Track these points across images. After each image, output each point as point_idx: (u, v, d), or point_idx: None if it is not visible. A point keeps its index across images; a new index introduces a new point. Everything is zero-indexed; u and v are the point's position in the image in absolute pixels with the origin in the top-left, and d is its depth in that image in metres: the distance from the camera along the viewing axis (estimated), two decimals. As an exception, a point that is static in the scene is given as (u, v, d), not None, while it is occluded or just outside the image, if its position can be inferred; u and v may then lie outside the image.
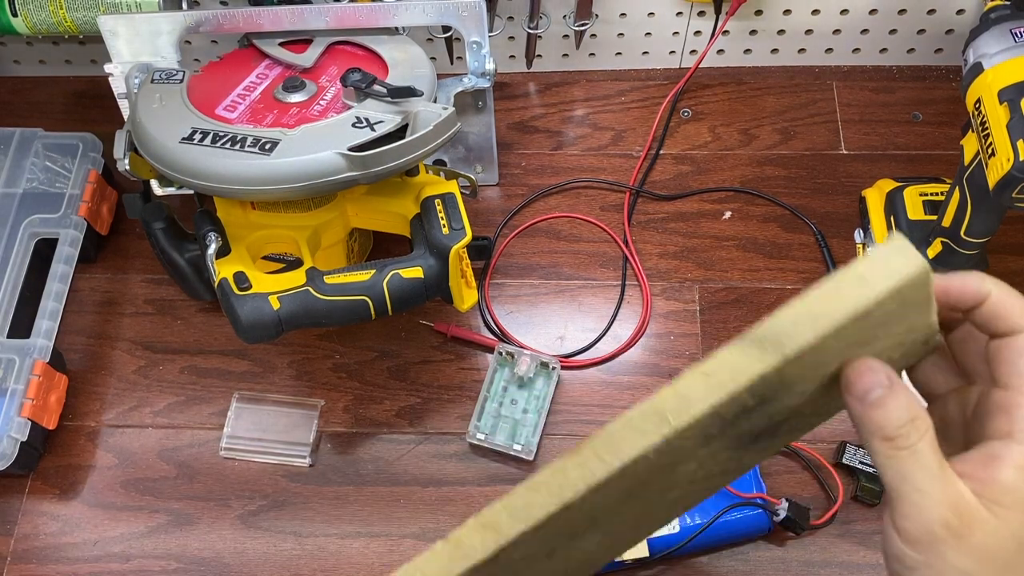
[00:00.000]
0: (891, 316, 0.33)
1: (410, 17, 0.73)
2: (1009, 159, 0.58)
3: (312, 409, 0.75)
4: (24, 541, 0.72)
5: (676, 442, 0.34)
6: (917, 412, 0.34)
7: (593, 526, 0.39)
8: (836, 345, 0.33)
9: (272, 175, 0.62)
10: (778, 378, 0.33)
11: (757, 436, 0.38)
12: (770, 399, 0.35)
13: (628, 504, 0.38)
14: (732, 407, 0.34)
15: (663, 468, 0.36)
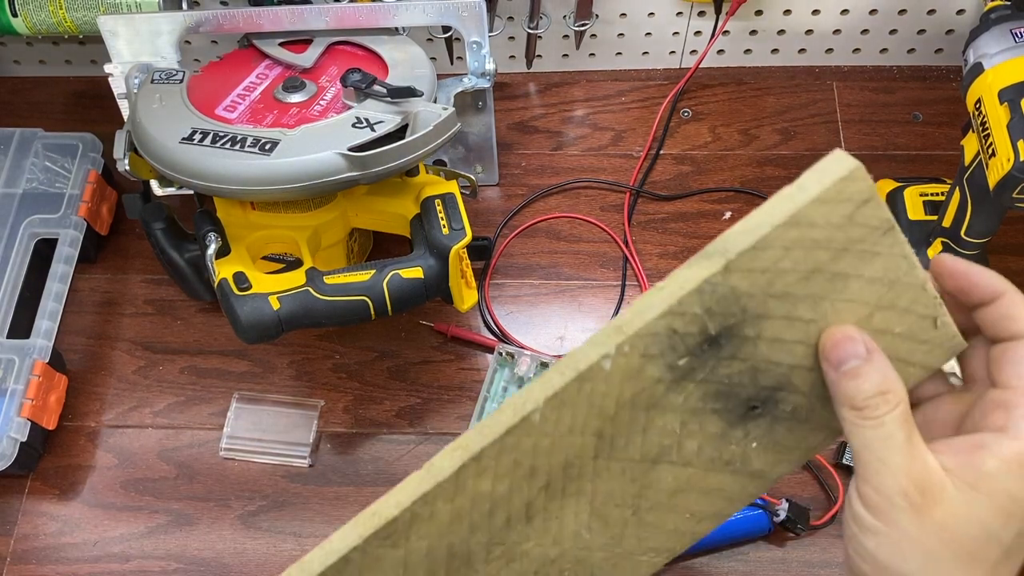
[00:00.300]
0: (841, 230, 0.34)
1: (410, 17, 0.73)
2: (1009, 159, 0.58)
3: (312, 409, 0.75)
4: (24, 541, 0.72)
5: (635, 360, 0.35)
6: (890, 386, 0.35)
7: (571, 483, 0.38)
8: (790, 267, 0.34)
9: (272, 175, 0.61)
10: (728, 290, 0.34)
11: (751, 406, 0.37)
12: (735, 329, 0.35)
13: (607, 463, 0.38)
14: (686, 323, 0.35)
15: (632, 405, 0.36)
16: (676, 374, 0.36)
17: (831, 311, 0.36)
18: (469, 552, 0.38)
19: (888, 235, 0.35)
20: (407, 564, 0.38)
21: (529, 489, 0.37)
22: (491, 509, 0.38)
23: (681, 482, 0.39)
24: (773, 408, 0.37)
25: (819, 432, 0.38)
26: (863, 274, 0.35)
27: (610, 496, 0.39)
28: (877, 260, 0.35)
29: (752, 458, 0.39)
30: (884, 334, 0.36)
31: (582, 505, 0.39)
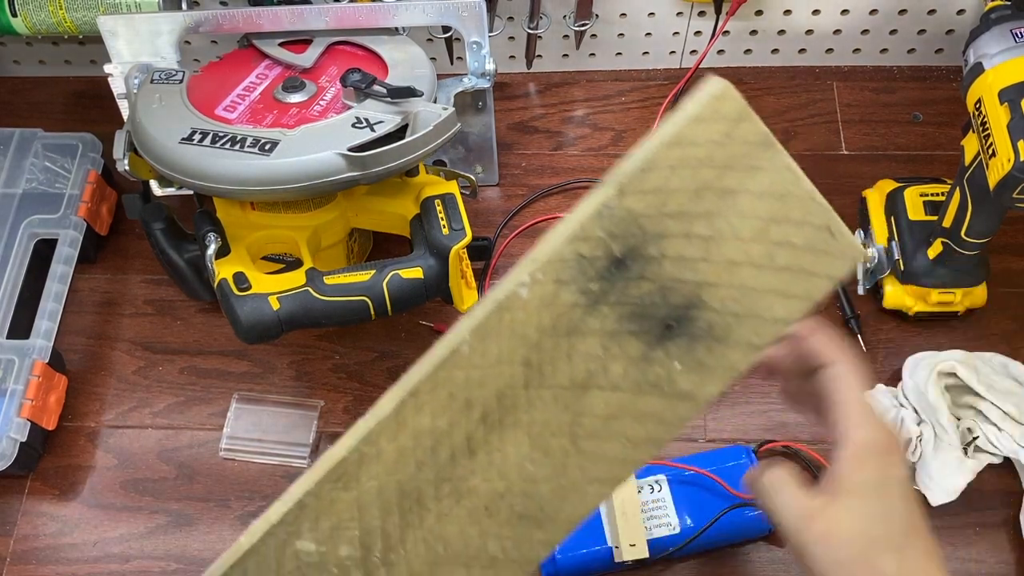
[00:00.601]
0: (721, 147, 0.37)
1: (410, 17, 0.72)
2: (1010, 159, 0.58)
3: (312, 410, 0.75)
4: (23, 542, 0.72)
5: (549, 286, 0.37)
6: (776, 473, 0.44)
7: (507, 415, 0.39)
8: (679, 185, 0.37)
9: (272, 175, 0.61)
10: (625, 212, 0.37)
11: (667, 325, 0.39)
12: (638, 250, 0.37)
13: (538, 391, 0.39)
14: (591, 246, 0.37)
15: (553, 331, 0.38)
16: (590, 298, 0.38)
17: (727, 227, 0.38)
18: (419, 490, 0.40)
19: (768, 149, 0.38)
20: (360, 505, 0.40)
21: (467, 422, 0.39)
22: (434, 445, 0.39)
23: (613, 407, 0.40)
24: (689, 326, 0.39)
25: (739, 349, 0.39)
26: (750, 188, 0.38)
27: (546, 425, 0.40)
28: (762, 174, 0.38)
29: (677, 379, 0.40)
30: (784, 247, 0.38)
31: (521, 436, 0.40)
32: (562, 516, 0.41)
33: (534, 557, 0.41)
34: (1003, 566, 0.67)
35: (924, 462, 0.69)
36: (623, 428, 0.40)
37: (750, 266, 0.39)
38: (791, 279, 0.39)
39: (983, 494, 0.70)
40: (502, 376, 0.39)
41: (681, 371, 0.39)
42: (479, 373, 0.39)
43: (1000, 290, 0.78)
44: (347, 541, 0.40)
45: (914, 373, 0.72)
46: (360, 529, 0.40)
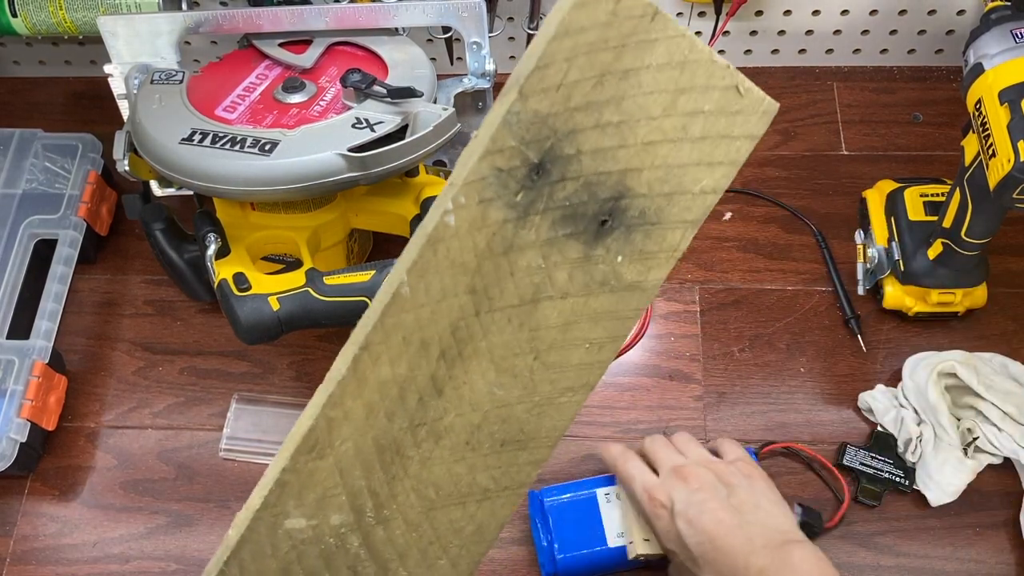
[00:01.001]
0: (611, 27, 0.35)
1: (410, 18, 0.72)
2: (1010, 160, 0.58)
3: (312, 410, 0.75)
4: (23, 542, 0.72)
5: (474, 208, 0.36)
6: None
7: (465, 346, 0.39)
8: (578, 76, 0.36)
9: (272, 176, 0.61)
10: (531, 115, 0.36)
11: (601, 221, 0.38)
12: (555, 151, 0.37)
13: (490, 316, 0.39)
14: (508, 158, 0.36)
15: (490, 252, 0.37)
16: (518, 211, 0.37)
17: (636, 108, 0.37)
18: (396, 441, 0.39)
19: (656, 20, 0.36)
20: (341, 469, 0.39)
21: (428, 362, 0.39)
22: (400, 393, 0.39)
23: (567, 314, 0.40)
24: (622, 217, 0.39)
25: (675, 229, 0.40)
26: (649, 63, 0.37)
27: (507, 348, 0.40)
28: (657, 46, 0.37)
29: (623, 272, 0.40)
30: (696, 115, 0.38)
31: (484, 364, 0.40)
32: (543, 433, 0.41)
33: (526, 480, 0.42)
34: (1003, 567, 0.67)
35: (924, 462, 0.69)
36: (582, 333, 0.40)
37: (667, 142, 0.38)
38: (711, 147, 0.39)
39: (983, 494, 0.70)
40: (451, 309, 0.38)
41: (624, 263, 0.39)
42: (427, 311, 0.38)
43: (1000, 290, 0.78)
44: (336, 508, 0.40)
45: (914, 373, 0.72)
46: (347, 493, 0.40)
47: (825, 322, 0.78)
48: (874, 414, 0.72)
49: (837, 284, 0.79)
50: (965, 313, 0.76)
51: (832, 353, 0.77)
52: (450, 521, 0.41)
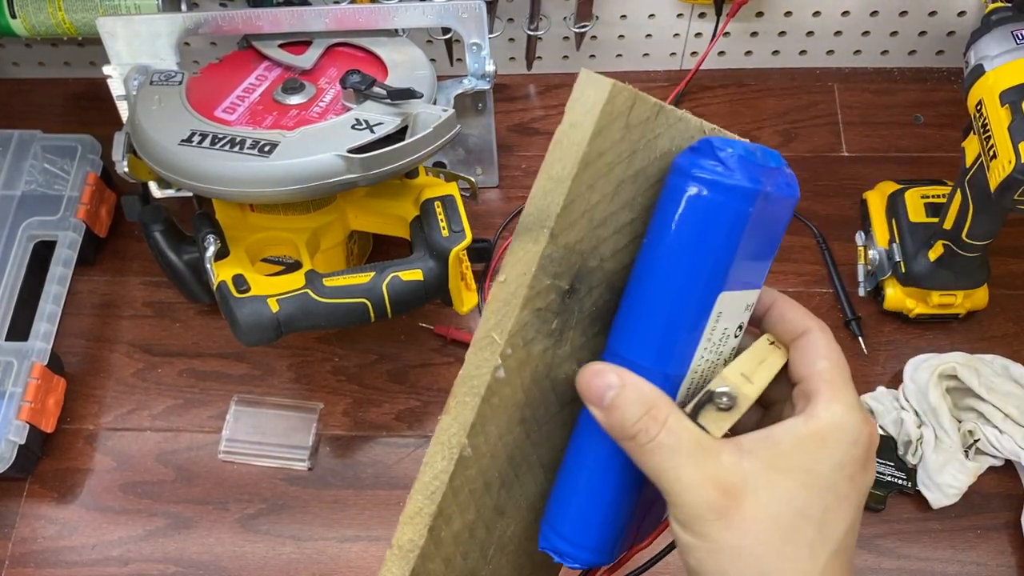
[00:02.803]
0: (624, 141, 0.35)
1: (410, 19, 0.72)
2: (1011, 161, 0.58)
3: (311, 412, 0.75)
4: (22, 544, 0.71)
5: (520, 352, 0.36)
6: (652, 401, 0.34)
7: (520, 468, 0.39)
8: (599, 197, 0.36)
9: (271, 177, 0.61)
10: (562, 251, 0.36)
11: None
12: (582, 271, 0.37)
13: (539, 433, 0.39)
14: (545, 297, 0.36)
15: (535, 381, 0.38)
16: (556, 335, 0.37)
17: (646, 200, 0.37)
18: (472, 570, 0.40)
19: (660, 115, 0.36)
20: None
21: (491, 497, 0.39)
22: (470, 534, 0.39)
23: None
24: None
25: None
26: (654, 156, 0.37)
27: (556, 449, 0.40)
28: (660, 139, 0.37)
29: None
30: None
31: (536, 472, 0.40)
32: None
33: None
34: (1004, 569, 0.67)
35: (925, 464, 0.69)
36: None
37: None
38: None
39: (984, 496, 0.69)
40: (507, 445, 0.38)
41: None
42: (487, 459, 0.38)
43: (1001, 292, 0.78)
44: None
45: (915, 375, 0.72)
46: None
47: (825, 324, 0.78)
48: (875, 416, 0.72)
49: (838, 286, 0.79)
50: (966, 315, 0.76)
51: (833, 355, 0.76)
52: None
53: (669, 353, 0.35)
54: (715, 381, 0.36)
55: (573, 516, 0.38)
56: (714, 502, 0.33)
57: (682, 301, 0.35)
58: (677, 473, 0.33)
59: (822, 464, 0.34)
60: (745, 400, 0.35)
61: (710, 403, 0.35)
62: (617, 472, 0.37)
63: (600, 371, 0.35)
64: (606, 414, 0.35)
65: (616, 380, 0.34)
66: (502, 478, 0.39)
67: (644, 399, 0.34)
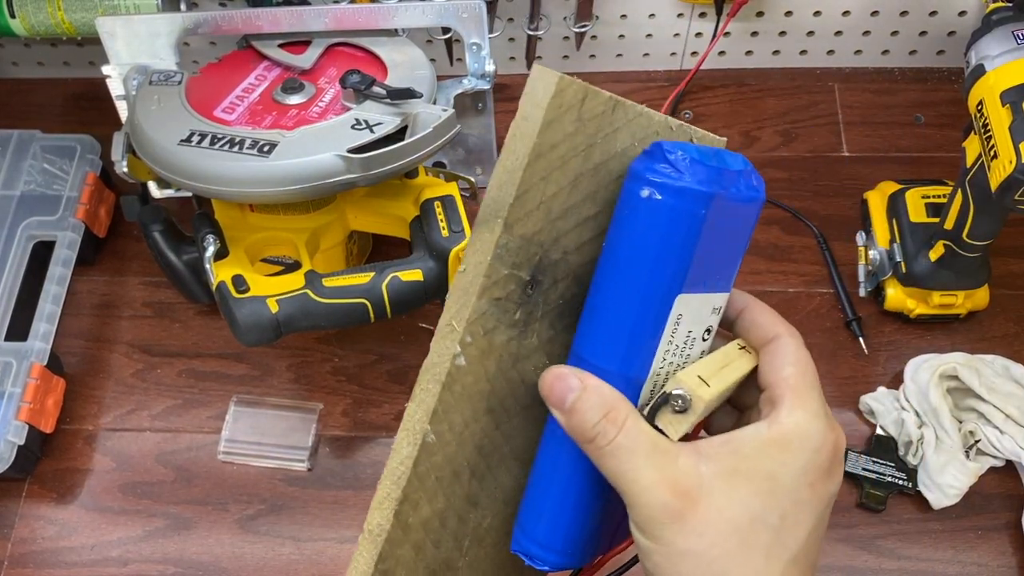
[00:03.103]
0: (578, 134, 0.36)
1: (409, 19, 0.72)
2: (1011, 161, 0.58)
3: (311, 413, 0.75)
4: (21, 545, 0.71)
5: (481, 341, 0.37)
6: (611, 404, 0.34)
7: (492, 458, 0.40)
8: (555, 189, 0.36)
9: (271, 177, 0.61)
10: (519, 241, 0.36)
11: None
12: (543, 263, 0.37)
13: (509, 424, 0.39)
14: (503, 287, 0.37)
15: (500, 372, 0.38)
16: (519, 327, 0.38)
17: (610, 195, 0.37)
18: (446, 560, 0.40)
19: (617, 110, 0.37)
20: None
21: (461, 487, 0.39)
22: (441, 523, 0.40)
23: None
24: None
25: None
26: (615, 151, 0.37)
27: (530, 442, 0.40)
28: (620, 134, 0.37)
29: None
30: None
31: (511, 465, 0.40)
32: None
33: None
34: (1005, 570, 0.67)
35: (926, 465, 0.69)
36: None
37: None
38: None
39: (985, 497, 0.69)
40: (474, 434, 0.39)
41: None
42: (453, 447, 0.38)
43: (1002, 292, 0.77)
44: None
45: (916, 376, 0.71)
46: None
47: (826, 324, 0.78)
48: (875, 416, 0.72)
49: (838, 286, 0.79)
50: (967, 315, 0.76)
51: (833, 355, 0.76)
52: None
53: (629, 356, 0.35)
54: (670, 383, 0.36)
55: (541, 518, 0.38)
56: (669, 504, 0.33)
57: (638, 304, 0.35)
58: (635, 475, 0.33)
59: (783, 470, 0.34)
60: (699, 402, 0.35)
61: (666, 405, 0.35)
62: (582, 475, 0.37)
63: (561, 374, 0.36)
64: (567, 417, 0.35)
65: (577, 383, 0.35)
66: (472, 468, 0.39)
67: (603, 402, 0.34)
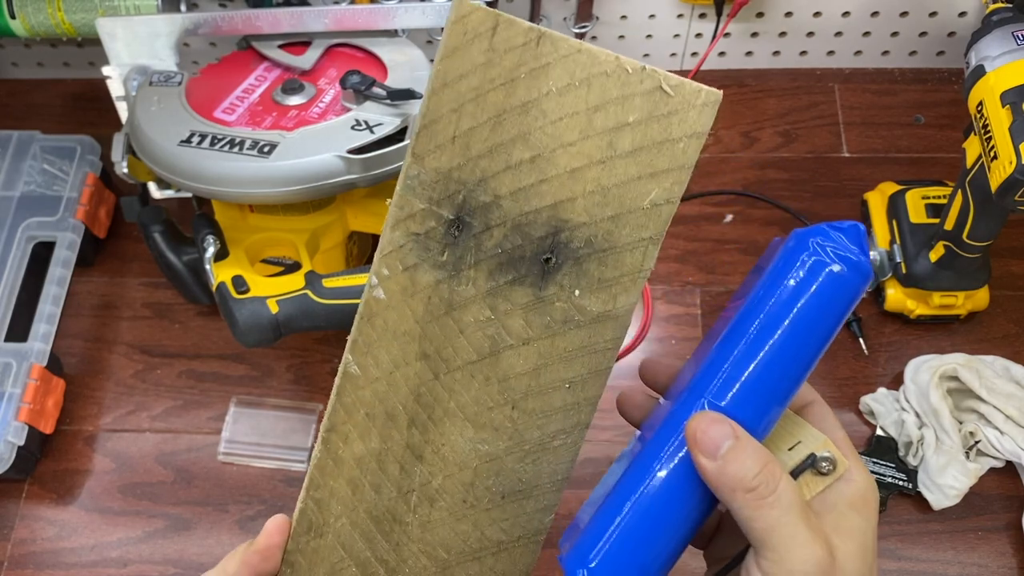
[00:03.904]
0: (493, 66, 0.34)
1: (409, 19, 0.72)
2: (1011, 162, 0.58)
3: (310, 413, 0.75)
4: (21, 546, 0.71)
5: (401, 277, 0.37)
6: (767, 456, 0.34)
7: (433, 410, 0.39)
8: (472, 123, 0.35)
9: (271, 178, 0.61)
10: (433, 174, 0.35)
11: (544, 259, 0.37)
12: (468, 203, 0.36)
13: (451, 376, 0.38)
14: (421, 222, 0.36)
15: (431, 316, 0.37)
16: (448, 269, 0.37)
17: (547, 138, 0.35)
18: (389, 510, 0.40)
19: (543, 43, 0.34)
20: (343, 544, 0.40)
21: (399, 432, 0.39)
22: (379, 465, 0.39)
23: (534, 360, 0.38)
24: (566, 251, 0.37)
25: (633, 250, 0.37)
26: (548, 90, 0.35)
27: (479, 403, 0.39)
28: (552, 70, 0.34)
29: (586, 305, 0.38)
30: (621, 129, 0.35)
31: (459, 423, 0.39)
32: (544, 479, 0.40)
33: (539, 527, 0.41)
34: (1006, 570, 0.67)
35: (926, 466, 0.68)
36: (557, 374, 0.38)
37: (595, 165, 0.36)
38: (650, 156, 0.35)
39: (985, 498, 0.69)
40: (407, 377, 0.38)
41: (585, 296, 0.37)
42: (383, 384, 0.38)
43: (1002, 293, 0.77)
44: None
45: (916, 376, 0.71)
46: (356, 564, 0.41)
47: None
48: (876, 417, 0.72)
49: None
50: (967, 316, 0.76)
51: (833, 356, 0.76)
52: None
53: (770, 415, 0.35)
54: (818, 444, 0.36)
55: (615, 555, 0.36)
56: (822, 560, 0.34)
57: (796, 371, 0.35)
58: (792, 530, 0.34)
59: (867, 525, 0.36)
60: (841, 466, 0.36)
61: (812, 467, 0.36)
62: (682, 521, 0.36)
63: (717, 420, 0.34)
64: (720, 465, 0.34)
65: (731, 431, 0.34)
66: (410, 415, 0.39)
67: (759, 454, 0.34)
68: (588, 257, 0.37)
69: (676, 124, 0.35)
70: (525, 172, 0.36)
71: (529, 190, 0.36)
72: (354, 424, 0.39)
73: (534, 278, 0.37)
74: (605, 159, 0.35)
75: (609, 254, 0.37)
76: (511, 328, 0.38)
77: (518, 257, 0.37)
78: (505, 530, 0.40)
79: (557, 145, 0.35)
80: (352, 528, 0.40)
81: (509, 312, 0.37)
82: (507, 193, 0.36)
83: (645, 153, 0.35)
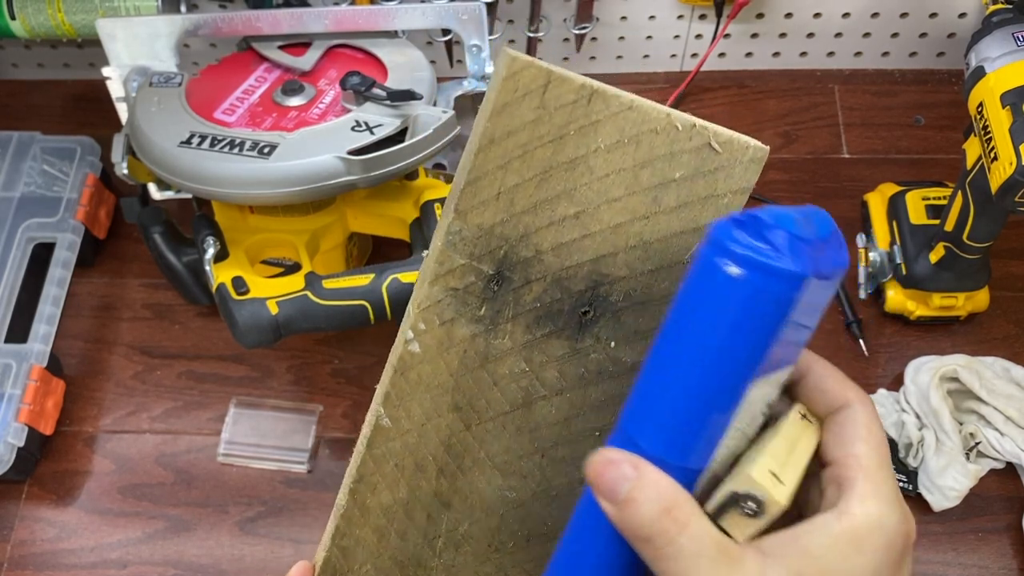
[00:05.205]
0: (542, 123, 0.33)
1: (410, 20, 0.72)
2: (1012, 163, 0.58)
3: (310, 414, 0.75)
4: (21, 547, 0.71)
5: (437, 331, 0.36)
6: (672, 500, 0.30)
7: (463, 459, 0.39)
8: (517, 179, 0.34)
9: (271, 179, 0.61)
10: (475, 230, 0.35)
11: (582, 312, 0.36)
12: (510, 258, 0.35)
13: (482, 427, 0.38)
14: (461, 277, 0.35)
15: (465, 369, 0.37)
16: (485, 323, 0.36)
17: (593, 195, 0.35)
18: (415, 556, 0.40)
19: (595, 100, 0.33)
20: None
21: (427, 482, 0.39)
22: (406, 513, 0.39)
23: (566, 410, 0.38)
24: (605, 304, 0.36)
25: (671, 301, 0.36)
26: (597, 147, 0.34)
27: (509, 453, 0.39)
28: (602, 127, 0.34)
29: (621, 356, 0.37)
30: (667, 186, 0.34)
31: (488, 472, 0.39)
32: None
33: None
34: (1006, 572, 0.67)
35: (926, 467, 0.68)
36: (587, 423, 0.38)
37: (639, 220, 0.35)
38: (694, 212, 0.35)
39: (986, 499, 0.69)
40: (439, 429, 0.38)
41: (620, 347, 0.37)
42: (414, 436, 0.38)
43: (1002, 294, 0.77)
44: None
45: (916, 377, 0.71)
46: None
47: (826, 326, 0.78)
48: (876, 418, 0.72)
49: (838, 287, 0.79)
50: (967, 317, 0.76)
51: (833, 357, 0.76)
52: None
53: (691, 447, 0.31)
54: (740, 480, 0.31)
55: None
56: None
57: (711, 393, 0.30)
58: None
59: (854, 571, 0.30)
60: (775, 507, 0.30)
61: (735, 506, 0.31)
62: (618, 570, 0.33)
63: (614, 460, 0.30)
64: (619, 509, 0.30)
65: (631, 472, 0.30)
66: (439, 465, 0.39)
67: (663, 496, 0.30)
68: (626, 310, 0.37)
69: (722, 180, 0.35)
70: (568, 227, 0.35)
71: (571, 245, 0.35)
72: (383, 475, 0.39)
73: (571, 331, 0.37)
74: (649, 215, 0.35)
75: (647, 307, 0.37)
76: (545, 379, 0.37)
77: (556, 311, 0.36)
78: (528, 571, 0.40)
79: (602, 201, 0.35)
80: (376, 573, 0.40)
81: (544, 364, 0.37)
82: (549, 248, 0.35)
83: (689, 209, 0.35)
